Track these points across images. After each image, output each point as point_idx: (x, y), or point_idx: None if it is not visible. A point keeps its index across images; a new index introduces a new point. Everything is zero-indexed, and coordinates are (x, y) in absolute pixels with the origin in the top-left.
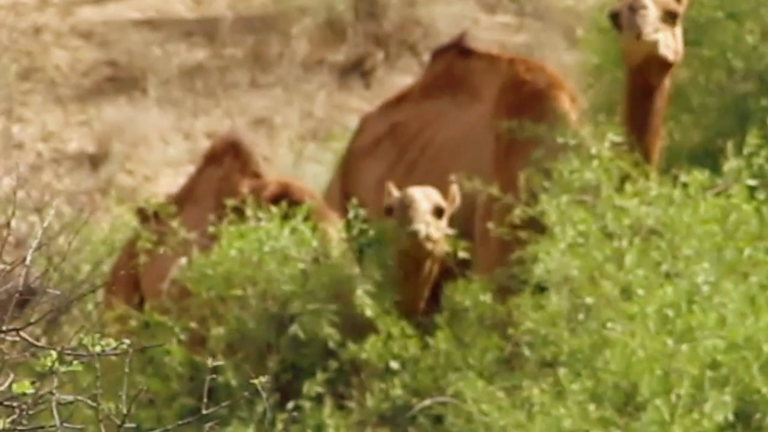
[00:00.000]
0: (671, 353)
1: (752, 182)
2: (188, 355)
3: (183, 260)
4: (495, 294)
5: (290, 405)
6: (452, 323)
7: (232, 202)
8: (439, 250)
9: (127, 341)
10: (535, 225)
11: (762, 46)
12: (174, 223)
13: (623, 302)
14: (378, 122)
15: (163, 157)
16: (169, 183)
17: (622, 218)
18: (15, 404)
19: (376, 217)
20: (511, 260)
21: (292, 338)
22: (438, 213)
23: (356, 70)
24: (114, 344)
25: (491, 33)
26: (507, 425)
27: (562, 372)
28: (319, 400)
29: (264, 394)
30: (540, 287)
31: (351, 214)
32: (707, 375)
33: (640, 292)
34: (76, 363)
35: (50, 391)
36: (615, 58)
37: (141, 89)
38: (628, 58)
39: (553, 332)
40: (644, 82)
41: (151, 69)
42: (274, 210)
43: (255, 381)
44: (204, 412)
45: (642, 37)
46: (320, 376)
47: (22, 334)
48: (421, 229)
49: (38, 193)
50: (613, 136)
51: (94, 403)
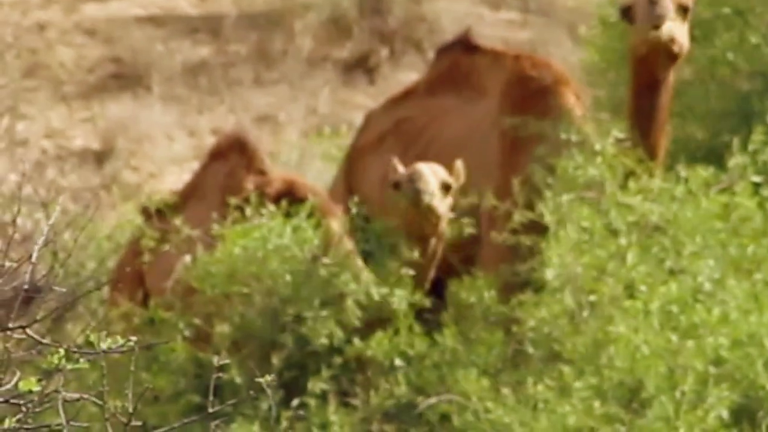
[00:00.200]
0: (676, 350)
1: (757, 179)
2: (193, 352)
3: (187, 258)
4: (499, 291)
5: (295, 402)
6: (457, 320)
7: (236, 200)
8: (443, 226)
9: (133, 339)
10: (538, 224)
11: (766, 44)
12: (178, 221)
13: (627, 299)
14: (383, 118)
15: (167, 154)
16: (174, 180)
17: (626, 215)
18: (21, 402)
19: (381, 213)
20: (516, 261)
21: (296, 336)
22: (445, 189)
23: (361, 67)
24: (121, 342)
25: (495, 29)
26: (512, 422)
27: (567, 369)
28: (323, 397)
29: (269, 392)
30: (541, 285)
31: (354, 210)
32: (712, 371)
33: (643, 289)
34: (82, 361)
35: (56, 389)
36: (619, 56)
37: (145, 86)
38: (638, 50)
39: (557, 329)
40: (650, 75)
41: (156, 66)
42: (277, 207)
43: (260, 380)
44: (210, 410)
45: (660, 28)
46: (325, 374)
47: (28, 331)
48: (431, 202)
49: (43, 190)
50: (617, 133)
51: (100, 401)
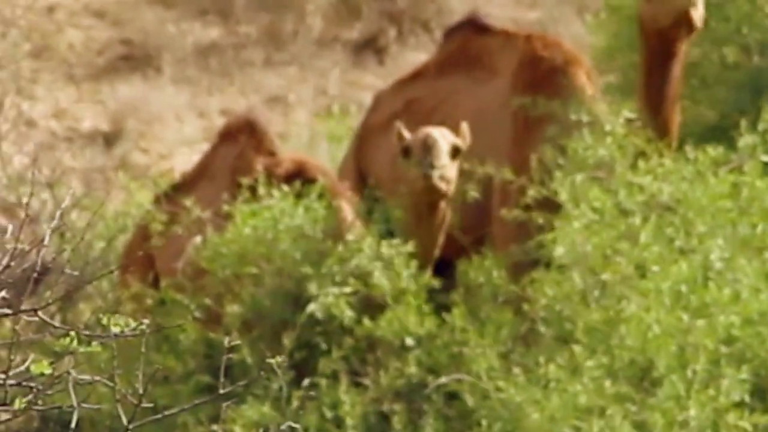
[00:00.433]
0: (686, 329)
1: (767, 158)
2: (204, 333)
3: (198, 239)
4: (510, 271)
5: (306, 383)
6: (467, 300)
7: (246, 180)
8: (452, 191)
9: (145, 321)
10: (550, 203)
11: None
12: (188, 202)
13: (638, 279)
14: (392, 99)
15: (177, 135)
16: (184, 161)
17: (636, 195)
18: (32, 384)
19: (391, 193)
20: (528, 240)
21: (307, 316)
22: (454, 153)
23: (370, 48)
24: (133, 325)
25: (504, 9)
26: (523, 402)
27: (578, 348)
28: (334, 377)
29: (279, 372)
30: (554, 264)
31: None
32: (723, 350)
33: (654, 269)
34: (94, 344)
35: (67, 371)
36: (627, 41)
37: (155, 67)
38: (655, 21)
39: (568, 309)
40: (665, 48)
41: (166, 47)
42: (288, 188)
43: (271, 360)
44: (221, 391)
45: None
46: (336, 354)
47: (40, 314)
48: (443, 171)
49: (51, 172)
50: (628, 113)
51: (111, 383)
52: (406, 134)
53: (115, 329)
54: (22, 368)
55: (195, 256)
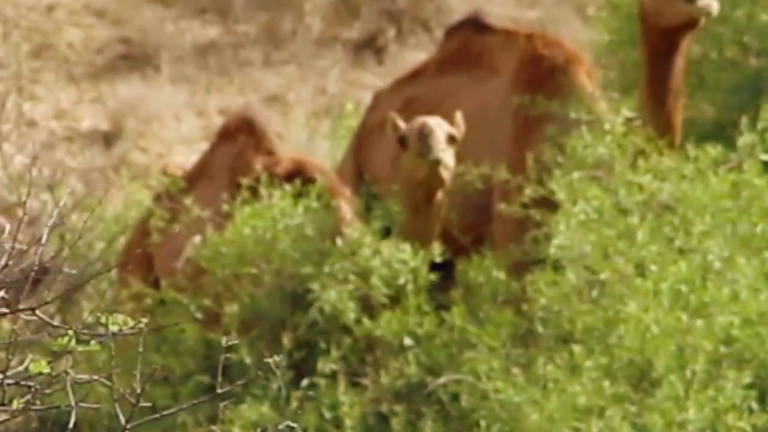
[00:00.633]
0: (686, 329)
1: (766, 157)
2: (203, 333)
3: (197, 238)
4: (509, 270)
5: (305, 383)
6: (466, 300)
7: (245, 180)
8: (449, 179)
9: (144, 320)
10: (550, 202)
11: None
12: (188, 201)
13: (637, 278)
14: (392, 98)
15: (176, 135)
16: (183, 160)
17: (635, 194)
18: (30, 384)
19: (390, 192)
20: (527, 238)
21: (310, 317)
22: (451, 141)
23: (369, 47)
24: (131, 324)
25: (504, 8)
26: (522, 402)
27: (577, 348)
28: (333, 377)
29: (278, 372)
30: (552, 264)
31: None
32: (722, 351)
33: (653, 268)
34: (93, 343)
35: (65, 371)
36: (628, 37)
37: (154, 67)
38: (659, 16)
39: (567, 309)
40: (669, 42)
41: (165, 46)
42: (287, 187)
43: (269, 360)
44: (219, 391)
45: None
46: (335, 354)
47: (38, 313)
48: (441, 157)
49: (51, 172)
50: (627, 112)
51: (109, 383)
52: (402, 124)
53: (113, 328)
54: (20, 368)
55: (194, 255)
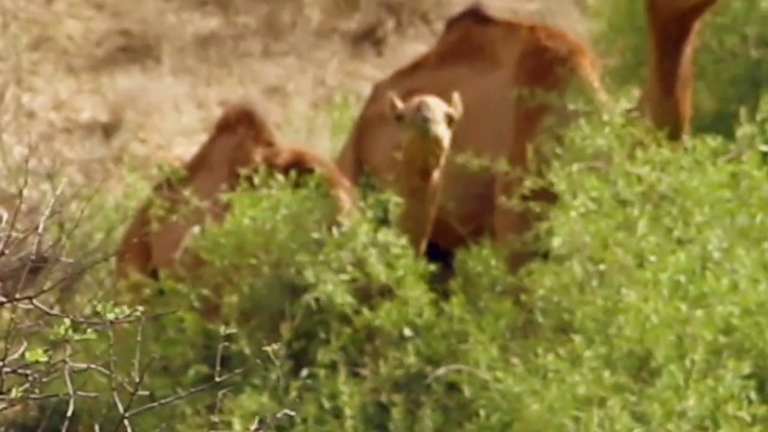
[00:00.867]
0: (685, 319)
1: (765, 148)
2: (202, 323)
3: (196, 229)
4: (509, 261)
5: (304, 372)
6: (466, 290)
7: (245, 171)
8: (444, 157)
9: (140, 308)
10: (551, 194)
11: None
12: (187, 192)
13: (636, 269)
14: (392, 89)
15: (176, 126)
16: (182, 151)
17: (634, 185)
18: (28, 373)
19: (389, 183)
20: (528, 231)
21: (305, 306)
22: (448, 120)
23: (368, 39)
24: (127, 312)
25: (503, 1)
26: (521, 392)
27: (577, 338)
28: (333, 367)
29: (277, 362)
30: (552, 254)
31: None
32: (721, 341)
33: (653, 259)
34: (90, 331)
35: (63, 360)
36: (627, 25)
37: (154, 58)
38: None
39: (567, 299)
40: (680, 27)
41: (165, 38)
42: (286, 179)
43: (267, 348)
44: (217, 379)
45: None
46: (334, 344)
47: (35, 302)
48: (438, 131)
49: (50, 162)
50: (626, 103)
51: (107, 371)
52: (399, 104)
53: (110, 317)
54: (16, 356)
55: (193, 246)
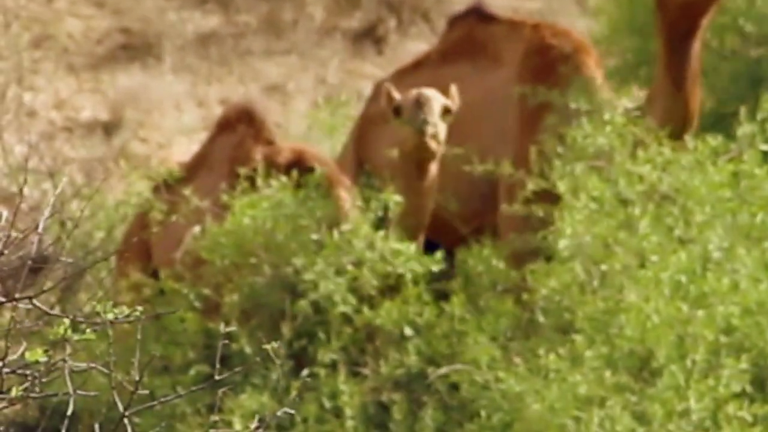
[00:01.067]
0: (686, 319)
1: (766, 147)
2: (203, 322)
3: (196, 228)
4: (511, 261)
5: (305, 372)
6: (467, 289)
7: (245, 170)
8: (441, 151)
9: (140, 308)
10: (553, 194)
11: None
12: (187, 191)
13: (637, 268)
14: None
15: (176, 125)
16: (183, 150)
17: (635, 184)
18: (28, 372)
19: (390, 181)
20: (534, 230)
21: (304, 306)
22: (445, 113)
23: (369, 37)
24: (127, 312)
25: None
26: (523, 392)
27: (578, 338)
28: (333, 367)
29: (278, 361)
30: (554, 254)
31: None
32: (722, 340)
33: (654, 258)
34: (89, 331)
35: (63, 359)
36: (628, 26)
37: (155, 56)
38: None
39: (568, 299)
40: (690, 23)
41: (165, 36)
42: (286, 178)
43: (267, 347)
44: (217, 378)
45: None
46: (335, 343)
47: (35, 301)
48: (436, 129)
49: (51, 161)
50: (627, 102)
51: (107, 371)
52: (396, 95)
53: (110, 316)
54: (16, 356)
55: (193, 246)
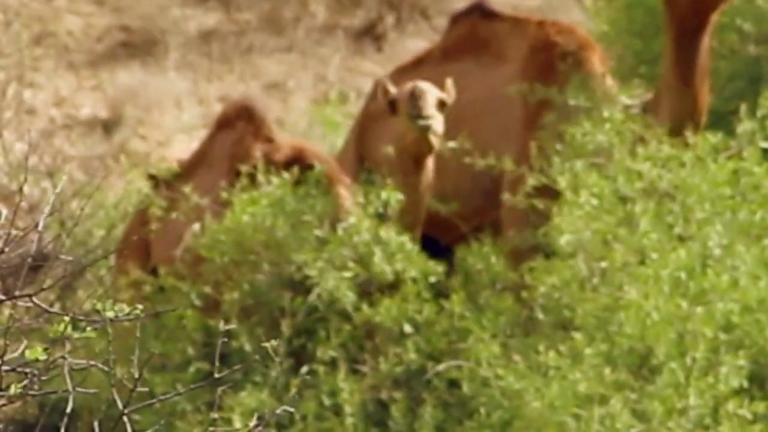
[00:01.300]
0: (686, 316)
1: (766, 145)
2: (202, 320)
3: (196, 226)
4: (513, 257)
5: (304, 370)
6: (466, 286)
7: (245, 167)
8: (438, 145)
9: (140, 306)
10: (556, 191)
11: None
12: (187, 189)
13: (637, 266)
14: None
15: (176, 122)
16: (183, 148)
17: (635, 182)
18: (27, 370)
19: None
20: (537, 227)
21: (311, 304)
22: (441, 106)
23: (368, 35)
24: (127, 309)
25: None
26: (522, 389)
27: (577, 336)
28: (333, 364)
29: (277, 359)
30: (553, 251)
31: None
32: (722, 338)
33: (653, 256)
34: (89, 329)
35: (63, 357)
36: (626, 25)
37: (154, 54)
38: None
39: (567, 296)
40: (699, 20)
41: (166, 34)
42: (286, 175)
43: (267, 345)
44: (216, 376)
45: None
46: (334, 341)
47: (35, 299)
48: (432, 122)
49: (50, 159)
50: (626, 99)
51: (107, 368)
52: (392, 89)
53: (110, 314)
54: (16, 354)
55: (193, 243)
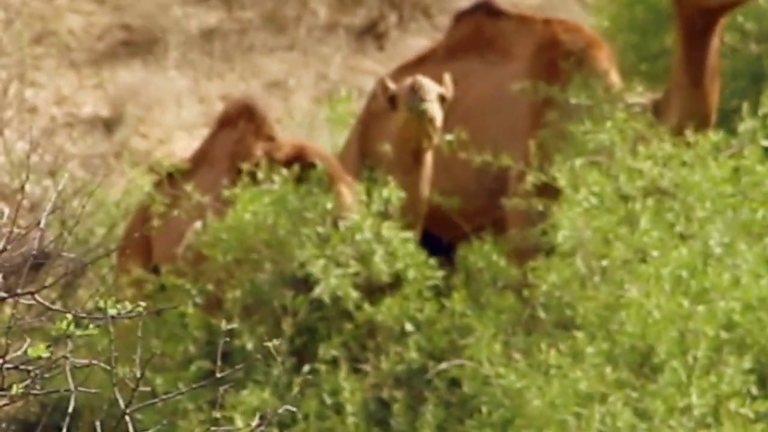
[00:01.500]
0: (687, 314)
1: (767, 143)
2: (204, 318)
3: (197, 224)
4: (516, 256)
5: (306, 368)
6: (468, 285)
7: (246, 165)
8: (437, 139)
9: (142, 304)
10: (557, 189)
11: None
12: (188, 187)
13: (638, 264)
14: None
15: (177, 121)
16: (184, 146)
17: (636, 180)
18: (29, 368)
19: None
20: (537, 225)
21: (314, 301)
22: (441, 101)
23: (370, 33)
24: (129, 307)
25: None
26: (523, 388)
27: (579, 334)
28: (334, 363)
29: (279, 358)
30: (554, 250)
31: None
32: (723, 336)
33: (654, 254)
34: (91, 327)
35: (65, 355)
36: (627, 22)
37: (156, 53)
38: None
39: (569, 294)
40: (708, 21)
41: (167, 32)
42: (287, 173)
43: (268, 344)
44: (218, 375)
45: None
46: (336, 340)
47: (37, 297)
48: (432, 111)
49: (52, 157)
50: (628, 98)
51: (109, 367)
52: (391, 85)
53: (112, 312)
54: (19, 352)
55: (195, 241)
